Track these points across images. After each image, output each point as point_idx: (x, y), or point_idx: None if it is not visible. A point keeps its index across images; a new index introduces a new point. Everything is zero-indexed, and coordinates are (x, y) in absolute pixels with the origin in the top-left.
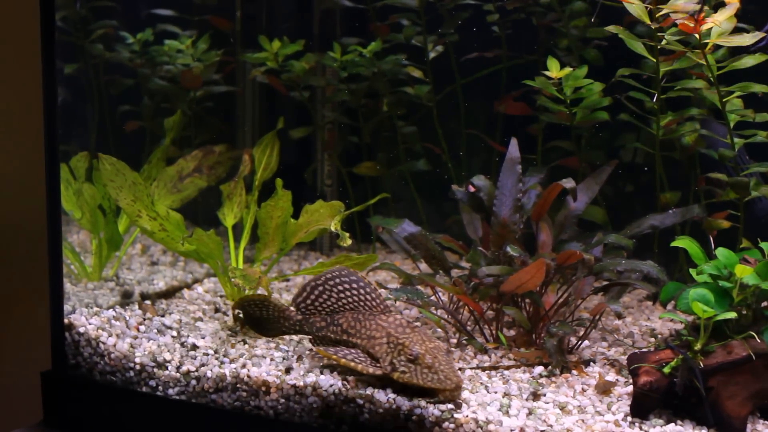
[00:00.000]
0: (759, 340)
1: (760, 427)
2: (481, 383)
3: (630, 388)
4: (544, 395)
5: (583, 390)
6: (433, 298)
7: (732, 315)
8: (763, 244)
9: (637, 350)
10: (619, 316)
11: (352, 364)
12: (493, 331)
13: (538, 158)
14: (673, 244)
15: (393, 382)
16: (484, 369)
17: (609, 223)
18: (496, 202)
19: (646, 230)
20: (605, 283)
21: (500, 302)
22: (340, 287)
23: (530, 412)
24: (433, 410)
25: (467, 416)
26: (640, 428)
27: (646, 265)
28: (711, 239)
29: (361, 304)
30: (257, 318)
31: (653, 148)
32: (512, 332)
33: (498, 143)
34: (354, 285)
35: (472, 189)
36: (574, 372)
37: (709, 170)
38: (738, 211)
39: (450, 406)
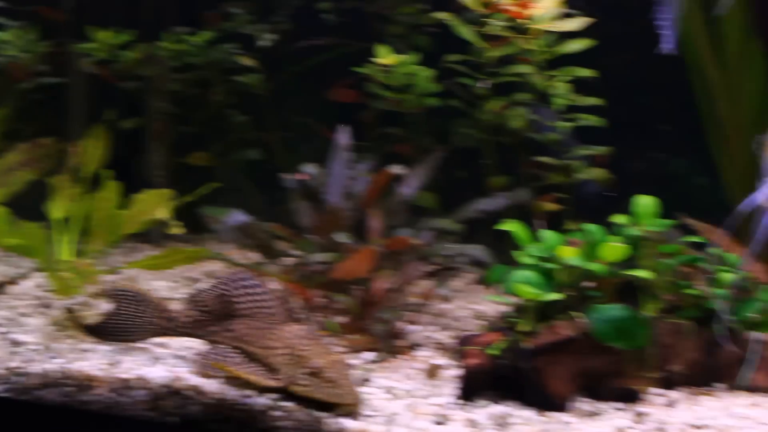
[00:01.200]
0: (583, 320)
1: (583, 405)
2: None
3: (458, 371)
4: (373, 380)
5: (412, 374)
6: None
7: (556, 296)
8: (586, 225)
9: (465, 333)
10: (446, 300)
11: (248, 375)
12: (324, 319)
13: (370, 145)
14: (500, 227)
15: (291, 395)
16: None
17: (440, 209)
18: (326, 190)
19: (475, 215)
20: (435, 267)
21: (331, 289)
22: (238, 291)
23: None
24: (262, 399)
25: (296, 404)
26: (468, 410)
27: (474, 248)
28: (539, 222)
29: (260, 311)
30: (123, 316)
31: (483, 133)
32: (343, 319)
33: (330, 131)
34: (253, 290)
35: (302, 177)
36: (404, 356)
37: (537, 154)
38: (565, 193)
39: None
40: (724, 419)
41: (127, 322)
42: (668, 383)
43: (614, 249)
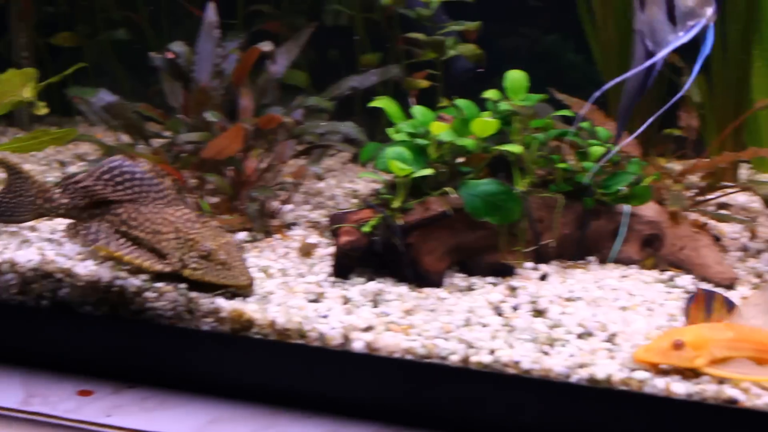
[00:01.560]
0: (455, 196)
1: (457, 281)
2: None
3: (332, 249)
4: (248, 260)
5: (286, 253)
6: None
7: (429, 172)
8: (458, 101)
9: (336, 211)
10: (320, 178)
11: (138, 260)
12: (197, 199)
13: (240, 23)
14: (372, 104)
15: (182, 279)
16: None
17: (312, 87)
18: (195, 69)
19: (347, 92)
20: (307, 146)
21: (203, 170)
22: (119, 178)
23: None
24: (134, 281)
25: (168, 285)
26: (342, 288)
27: (346, 126)
28: (411, 99)
29: (143, 195)
30: (9, 194)
31: (353, 10)
32: (216, 199)
33: (199, 9)
34: (136, 175)
35: (170, 56)
36: (277, 236)
37: (408, 30)
38: (437, 70)
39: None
40: (594, 291)
41: (12, 201)
42: (541, 257)
43: (485, 124)
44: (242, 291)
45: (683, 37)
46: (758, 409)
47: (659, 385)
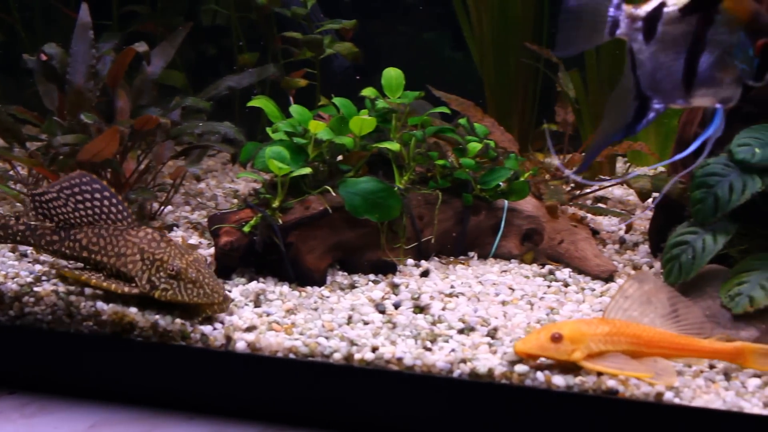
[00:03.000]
0: (335, 194)
1: (339, 279)
2: None
3: (212, 250)
4: None
5: None
6: (11, 173)
7: (307, 171)
8: (336, 100)
9: (215, 212)
10: (198, 179)
11: (105, 284)
12: None
13: (114, 24)
14: (250, 104)
15: (153, 301)
16: None
17: (189, 87)
18: (69, 70)
19: (224, 92)
20: (186, 146)
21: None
22: (78, 197)
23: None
24: (12, 285)
25: (46, 289)
26: (224, 288)
27: (224, 126)
28: (291, 98)
29: (103, 217)
30: None
31: (230, 9)
32: None
33: (73, 10)
34: (95, 195)
35: (44, 58)
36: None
37: (285, 29)
38: (315, 69)
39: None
40: (475, 286)
41: None
42: (423, 254)
43: (363, 122)
44: (216, 309)
45: (709, 131)
46: (637, 399)
47: (540, 378)
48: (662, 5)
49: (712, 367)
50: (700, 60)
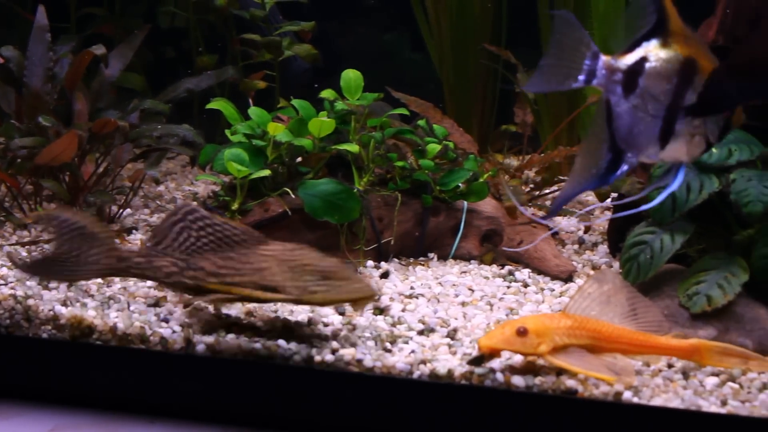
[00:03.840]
0: (294, 196)
1: None
2: (21, 258)
3: None
4: None
5: None
6: None
7: (266, 173)
8: (295, 102)
9: None
10: (157, 182)
11: (255, 293)
12: (33, 206)
13: (71, 26)
14: (209, 106)
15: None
16: (24, 245)
17: (148, 89)
18: (26, 73)
19: (183, 94)
20: (145, 149)
21: (38, 175)
22: (198, 224)
23: (71, 284)
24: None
25: (4, 293)
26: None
27: (182, 128)
28: (250, 100)
29: (225, 241)
30: (63, 250)
31: (188, 11)
32: (53, 205)
33: (30, 12)
34: (209, 222)
35: (1, 60)
36: (117, 241)
37: (244, 31)
38: (274, 71)
39: None
40: (435, 287)
41: (68, 258)
42: (383, 255)
43: (322, 124)
44: (370, 302)
45: (673, 185)
46: (596, 399)
47: (499, 378)
48: (644, 60)
49: (670, 366)
50: (677, 118)
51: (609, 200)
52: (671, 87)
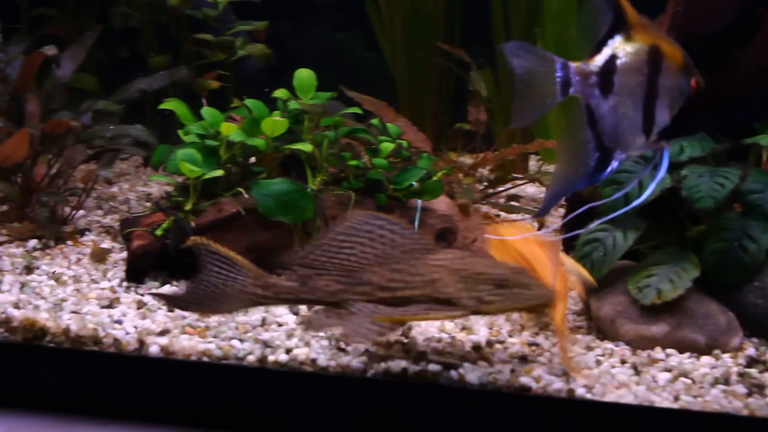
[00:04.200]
0: (248, 196)
1: None
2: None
3: (125, 254)
4: (39, 268)
5: (79, 260)
6: None
7: (219, 173)
8: (248, 102)
9: (126, 215)
10: (110, 183)
11: (422, 315)
12: None
13: (23, 27)
14: (162, 106)
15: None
16: None
17: (101, 90)
18: None
19: (136, 94)
20: (98, 150)
21: None
22: (364, 237)
23: (23, 286)
24: None
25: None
26: (136, 292)
27: (135, 129)
28: (204, 100)
29: (393, 251)
30: (206, 282)
31: (141, 12)
32: (5, 207)
33: None
34: (381, 230)
35: None
36: (69, 242)
37: (197, 31)
38: (227, 71)
39: None
40: None
41: (213, 290)
42: None
43: (275, 124)
44: (546, 307)
45: (660, 173)
46: (550, 395)
47: (453, 376)
48: (614, 57)
49: (623, 362)
50: (656, 107)
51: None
52: (644, 77)
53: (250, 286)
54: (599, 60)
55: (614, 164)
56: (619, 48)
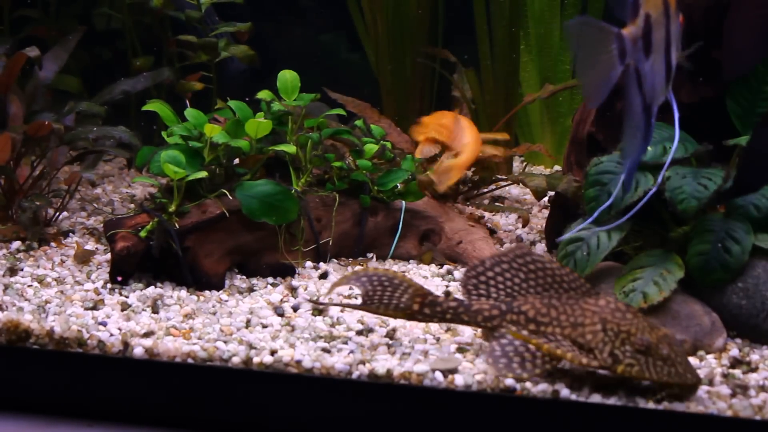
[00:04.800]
0: (232, 198)
1: (237, 282)
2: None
3: (109, 256)
4: (22, 270)
5: (62, 261)
6: None
7: (203, 174)
8: (232, 103)
9: (110, 217)
10: (93, 184)
11: (560, 351)
12: None
13: (5, 28)
14: (145, 108)
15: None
16: None
17: (84, 91)
18: None
19: (119, 96)
20: (81, 152)
21: None
22: (528, 266)
23: (7, 288)
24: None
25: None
26: (120, 294)
27: (118, 130)
28: (187, 102)
29: (554, 286)
30: (376, 298)
31: (123, 13)
32: None
33: None
34: (542, 265)
35: None
36: (53, 244)
37: (180, 33)
38: (210, 72)
39: None
40: None
41: (390, 301)
42: (321, 256)
43: (259, 125)
44: (687, 391)
45: (676, 116)
46: (534, 396)
47: (438, 377)
48: (648, 17)
49: None
50: (671, 53)
51: (545, 199)
52: (665, 28)
53: (416, 303)
54: (639, 22)
55: (653, 122)
56: (647, 5)
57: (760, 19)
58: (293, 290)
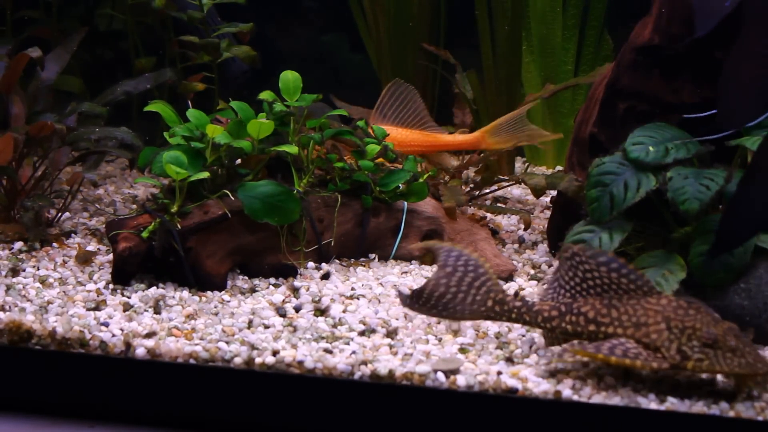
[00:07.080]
0: (234, 198)
1: (239, 283)
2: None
3: (111, 256)
4: (24, 270)
5: (65, 262)
6: None
7: (205, 175)
8: (234, 104)
9: (112, 217)
10: (96, 185)
11: (628, 361)
12: None
13: (7, 29)
14: (147, 108)
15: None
16: None
17: (86, 92)
18: None
19: (121, 97)
20: (83, 152)
21: None
22: (587, 265)
23: (9, 288)
24: None
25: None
26: (122, 294)
27: (120, 131)
28: (189, 102)
29: (614, 287)
30: (453, 286)
31: (125, 14)
32: None
33: None
34: (607, 265)
35: None
36: (55, 245)
37: (182, 33)
38: (212, 73)
39: None
40: (376, 288)
41: (456, 296)
42: (324, 256)
43: (261, 126)
44: (760, 380)
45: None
46: (536, 397)
47: (440, 378)
48: None
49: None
50: None
51: (547, 199)
52: None
53: (491, 300)
54: None
55: None
56: None
57: (757, 79)
58: (295, 291)
